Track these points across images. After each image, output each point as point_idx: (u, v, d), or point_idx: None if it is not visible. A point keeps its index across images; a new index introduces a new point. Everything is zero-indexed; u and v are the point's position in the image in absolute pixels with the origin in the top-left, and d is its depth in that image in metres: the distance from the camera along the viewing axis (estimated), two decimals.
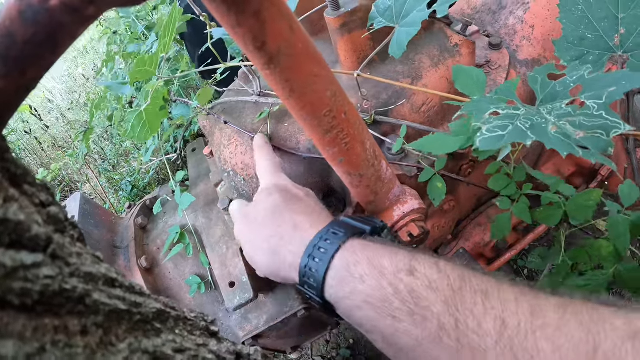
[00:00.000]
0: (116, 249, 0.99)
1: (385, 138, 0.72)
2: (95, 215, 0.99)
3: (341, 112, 0.48)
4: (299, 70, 0.42)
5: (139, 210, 1.03)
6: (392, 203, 0.67)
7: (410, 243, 0.69)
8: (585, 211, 0.71)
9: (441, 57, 0.81)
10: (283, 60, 0.40)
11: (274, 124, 0.78)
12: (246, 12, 0.36)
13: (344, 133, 0.50)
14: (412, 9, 0.67)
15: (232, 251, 0.89)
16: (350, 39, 0.74)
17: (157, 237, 1.00)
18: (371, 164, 0.56)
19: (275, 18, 0.38)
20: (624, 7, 0.72)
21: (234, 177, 0.83)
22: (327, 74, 0.44)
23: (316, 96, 0.45)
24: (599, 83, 0.59)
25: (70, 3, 0.26)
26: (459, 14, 1.03)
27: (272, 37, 0.38)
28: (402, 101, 0.75)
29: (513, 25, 0.97)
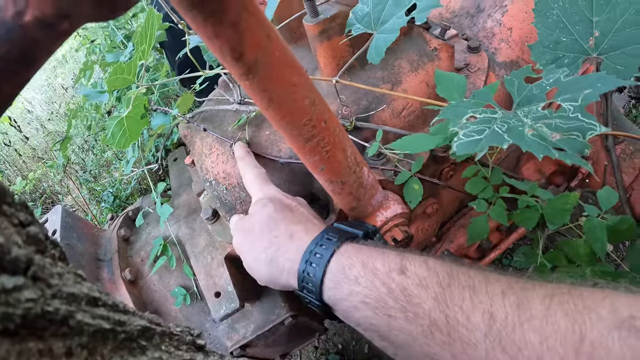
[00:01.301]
0: (100, 261, 0.98)
1: (366, 144, 0.73)
2: (77, 228, 0.99)
3: (321, 121, 0.49)
4: (278, 80, 0.43)
5: (121, 222, 1.02)
6: (374, 209, 0.68)
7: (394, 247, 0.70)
8: (562, 215, 0.73)
9: (420, 62, 0.82)
10: (261, 70, 0.41)
11: (254, 131, 0.79)
12: (224, 22, 0.36)
13: (325, 141, 0.51)
14: (390, 16, 0.68)
15: (216, 261, 0.89)
16: (329, 45, 0.75)
17: (140, 248, 0.99)
18: (352, 170, 0.57)
19: (253, 28, 0.38)
20: (598, 10, 0.75)
21: (216, 187, 0.83)
22: (306, 83, 0.45)
23: (295, 105, 0.46)
24: (574, 86, 0.61)
25: (44, 18, 0.26)
26: (438, 18, 1.05)
27: (250, 47, 0.39)
28: (383, 106, 0.77)
29: (491, 28, 0.99)
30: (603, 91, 0.57)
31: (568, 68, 0.76)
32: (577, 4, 0.76)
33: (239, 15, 0.36)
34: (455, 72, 0.91)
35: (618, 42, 0.71)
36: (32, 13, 0.26)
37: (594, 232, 0.75)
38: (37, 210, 1.81)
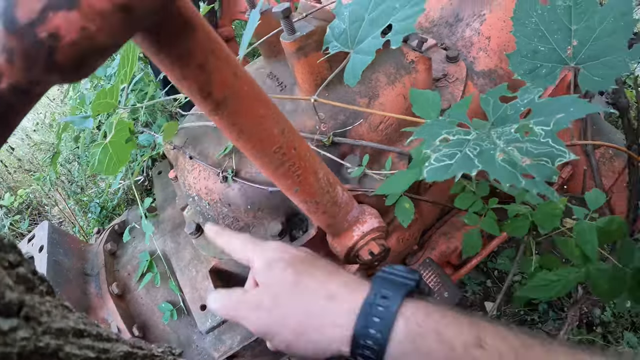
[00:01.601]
0: (87, 276, 1.02)
1: (343, 162, 0.78)
2: (64, 243, 1.03)
3: (291, 148, 0.53)
4: (246, 114, 0.47)
5: (107, 236, 1.07)
6: (351, 224, 0.72)
7: (371, 261, 0.74)
8: (552, 219, 0.77)
9: (397, 75, 0.87)
10: (230, 106, 0.45)
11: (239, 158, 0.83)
12: (190, 65, 0.40)
13: (296, 166, 0.55)
14: (366, 35, 0.72)
15: (201, 274, 0.94)
16: (306, 62, 0.79)
17: (127, 262, 1.04)
18: (326, 191, 0.62)
19: (220, 69, 0.42)
20: (577, 18, 0.77)
21: (198, 202, 0.87)
22: (274, 113, 0.50)
23: (265, 134, 0.50)
24: (548, 108, 0.64)
25: (19, 85, 0.30)
26: (417, 27, 1.10)
27: (217, 86, 0.43)
28: (360, 121, 0.81)
29: (470, 37, 1.04)
30: (576, 117, 0.59)
31: (545, 78, 0.79)
32: (556, 12, 0.78)
33: (206, 58, 0.41)
34: (434, 83, 0.96)
35: (596, 52, 0.74)
36: (7, 81, 0.29)
37: (584, 234, 0.78)
38: (24, 223, 1.85)
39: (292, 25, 0.76)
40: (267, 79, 0.90)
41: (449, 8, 1.08)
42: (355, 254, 0.75)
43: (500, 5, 1.04)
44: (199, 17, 0.39)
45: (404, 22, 0.68)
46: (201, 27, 0.39)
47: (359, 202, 0.80)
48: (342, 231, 0.73)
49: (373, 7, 0.72)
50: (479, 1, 1.06)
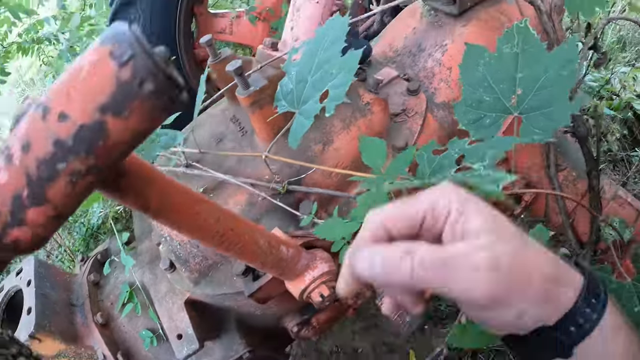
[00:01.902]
0: (73, 306, 1.13)
1: (296, 211, 0.86)
2: (50, 277, 1.13)
3: (228, 230, 0.61)
4: (182, 215, 0.56)
5: (90, 267, 1.17)
6: (301, 271, 0.81)
7: (322, 302, 0.83)
8: None
9: (352, 118, 0.94)
10: (167, 213, 0.54)
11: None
12: (124, 196, 0.49)
13: (234, 242, 0.64)
14: (309, 97, 0.79)
15: (177, 305, 1.03)
16: (261, 114, 0.87)
17: (110, 292, 1.14)
18: (268, 253, 0.70)
19: (151, 192, 0.50)
20: (522, 66, 0.79)
21: (170, 242, 0.96)
22: (207, 208, 0.58)
23: (202, 225, 0.58)
24: (477, 150, 0.72)
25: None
26: (382, 56, 1.16)
27: (152, 204, 0.51)
28: (313, 169, 0.89)
29: (431, 67, 1.10)
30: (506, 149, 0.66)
31: (489, 128, 0.84)
32: (502, 60, 0.80)
33: (133, 189, 0.49)
34: (392, 119, 1.03)
35: (539, 102, 0.76)
36: None
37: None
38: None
39: (245, 81, 0.84)
40: (230, 122, 0.98)
41: (412, 37, 1.14)
42: (307, 296, 0.84)
43: (462, 36, 1.09)
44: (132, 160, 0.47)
45: (337, 90, 0.74)
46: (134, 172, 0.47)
47: (313, 246, 0.88)
48: (294, 278, 0.81)
49: (315, 70, 0.78)
50: (442, 31, 1.11)
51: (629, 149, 2.06)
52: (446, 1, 1.11)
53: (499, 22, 1.14)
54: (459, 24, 1.11)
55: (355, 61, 0.74)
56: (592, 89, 2.10)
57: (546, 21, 1.07)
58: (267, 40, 0.94)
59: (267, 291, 0.86)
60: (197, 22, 1.70)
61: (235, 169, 0.91)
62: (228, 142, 0.95)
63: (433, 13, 1.15)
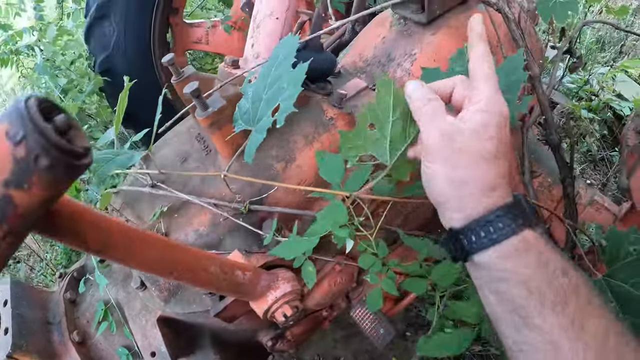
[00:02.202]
0: (50, 325, 1.14)
1: (259, 230, 0.86)
2: (26, 296, 1.14)
3: (174, 262, 0.62)
4: (124, 253, 0.56)
5: (67, 285, 1.17)
6: (262, 292, 0.81)
7: (285, 322, 0.83)
8: (449, 278, 0.86)
9: (316, 134, 0.93)
10: (108, 252, 0.54)
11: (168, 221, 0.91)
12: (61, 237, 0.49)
13: (184, 271, 0.64)
14: (263, 114, 0.80)
15: (150, 323, 1.04)
16: (221, 134, 0.86)
17: (85, 310, 1.14)
18: (222, 279, 0.70)
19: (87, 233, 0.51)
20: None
21: None
22: (150, 243, 0.58)
23: (146, 260, 0.59)
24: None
25: None
26: (352, 67, 1.15)
27: (90, 244, 0.52)
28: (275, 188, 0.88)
29: (400, 77, 1.09)
30: None
31: None
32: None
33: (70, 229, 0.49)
34: None
35: None
36: None
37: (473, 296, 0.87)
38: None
39: (203, 102, 0.83)
40: (195, 141, 0.98)
41: (381, 47, 1.13)
42: (271, 316, 0.84)
43: (432, 44, 1.08)
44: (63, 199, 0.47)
45: (286, 102, 0.75)
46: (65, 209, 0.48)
47: (277, 265, 0.88)
48: (256, 299, 0.82)
49: (268, 87, 0.79)
50: (411, 40, 1.11)
51: (608, 149, 2.05)
52: (415, 9, 1.10)
53: None
54: (428, 32, 1.10)
55: (302, 73, 0.76)
56: (571, 91, 2.08)
57: (514, 29, 1.06)
58: (227, 59, 0.94)
59: (233, 310, 0.86)
60: (172, 32, 1.69)
61: (199, 189, 0.91)
62: (192, 162, 0.95)
63: (402, 22, 1.14)
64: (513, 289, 0.53)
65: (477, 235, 0.55)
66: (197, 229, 0.90)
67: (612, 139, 2.05)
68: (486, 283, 0.57)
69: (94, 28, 1.63)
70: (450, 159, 0.57)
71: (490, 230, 0.54)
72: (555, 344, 0.51)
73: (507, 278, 0.54)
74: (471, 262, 0.58)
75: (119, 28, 1.60)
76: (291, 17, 0.91)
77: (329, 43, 1.34)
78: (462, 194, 0.56)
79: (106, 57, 1.67)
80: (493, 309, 0.57)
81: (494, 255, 0.55)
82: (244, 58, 0.95)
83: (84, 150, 0.37)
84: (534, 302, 0.52)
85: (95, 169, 0.84)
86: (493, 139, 0.58)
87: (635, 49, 2.58)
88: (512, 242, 0.54)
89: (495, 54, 1.16)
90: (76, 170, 0.37)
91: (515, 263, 0.54)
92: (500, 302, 0.55)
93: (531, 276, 0.53)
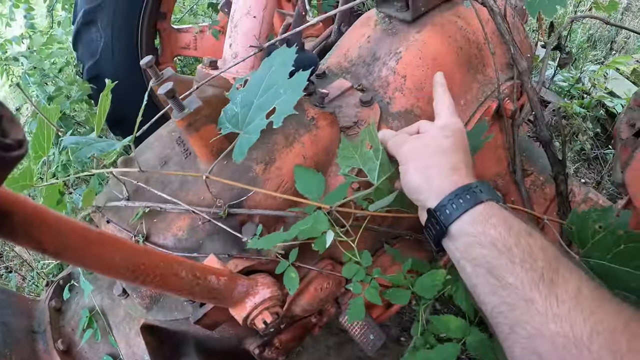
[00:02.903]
0: (34, 333, 1.11)
1: (239, 233, 0.83)
2: (11, 304, 1.12)
3: (139, 265, 0.59)
4: (83, 256, 0.54)
5: (52, 292, 1.15)
6: (240, 298, 0.78)
7: (265, 329, 0.80)
8: (432, 290, 0.83)
9: (296, 134, 0.91)
10: (65, 254, 0.52)
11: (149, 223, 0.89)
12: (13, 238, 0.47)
13: (151, 276, 0.61)
14: (254, 118, 0.79)
15: (134, 331, 1.02)
16: (198, 136, 0.84)
17: (71, 318, 1.12)
18: (195, 284, 0.68)
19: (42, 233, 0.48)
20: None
21: None
22: (111, 246, 0.56)
23: (108, 264, 0.56)
24: None
25: None
26: (337, 67, 1.13)
27: (46, 245, 0.49)
28: (255, 190, 0.86)
29: (386, 76, 1.07)
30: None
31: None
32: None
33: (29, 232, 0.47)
34: (345, 132, 1.00)
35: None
36: None
37: (459, 293, 0.84)
38: None
39: (179, 103, 0.81)
40: (175, 144, 0.96)
41: (366, 46, 1.11)
42: (251, 323, 0.81)
43: (417, 42, 1.06)
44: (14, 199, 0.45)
45: (286, 105, 0.74)
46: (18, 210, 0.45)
47: (257, 271, 0.86)
48: (233, 305, 0.79)
49: (261, 93, 0.80)
50: (396, 39, 1.08)
51: (602, 147, 2.01)
52: (400, 7, 1.07)
53: (456, 27, 1.10)
54: (413, 30, 1.08)
55: (304, 79, 0.78)
56: (562, 89, 2.05)
57: (500, 22, 1.04)
58: (206, 59, 0.92)
59: (214, 317, 0.84)
60: (160, 38, 1.68)
61: (178, 192, 0.89)
62: (172, 165, 0.93)
63: (387, 20, 1.11)
64: (484, 250, 0.59)
65: (450, 208, 0.63)
66: (175, 233, 0.88)
67: (605, 136, 2.01)
68: (461, 253, 0.63)
69: (82, 34, 1.62)
70: (416, 155, 0.70)
71: (460, 202, 0.63)
72: (529, 300, 0.54)
73: (478, 242, 0.60)
74: (449, 237, 0.65)
75: (107, 34, 1.58)
76: (269, 16, 0.89)
77: (314, 45, 1.32)
78: (429, 175, 0.68)
79: (94, 63, 1.65)
80: (471, 279, 0.62)
81: (466, 221, 0.62)
82: (223, 59, 0.93)
83: (15, 142, 0.35)
84: (504, 260, 0.57)
85: (74, 150, 0.82)
86: (449, 137, 0.74)
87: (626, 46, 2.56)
88: (478, 209, 0.62)
89: (483, 50, 1.13)
90: (6, 163, 0.35)
91: (484, 226, 0.60)
92: (476, 267, 0.60)
93: (498, 237, 0.59)
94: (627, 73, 2.14)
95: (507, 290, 0.56)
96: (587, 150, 1.95)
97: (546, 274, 0.55)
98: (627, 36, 2.60)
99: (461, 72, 1.09)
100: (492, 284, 0.58)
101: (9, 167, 0.36)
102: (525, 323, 0.54)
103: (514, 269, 0.56)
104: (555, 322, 0.52)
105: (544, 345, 0.52)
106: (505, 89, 1.12)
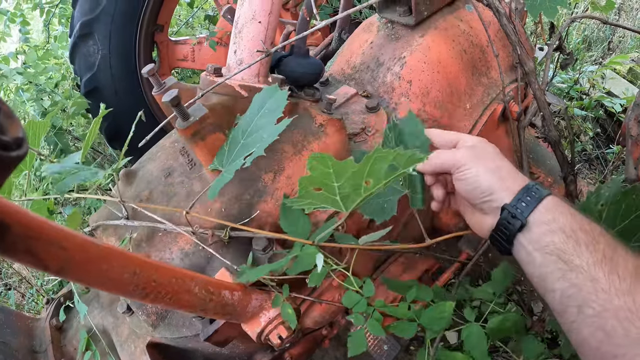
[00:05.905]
0: (35, 354, 1.05)
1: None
2: (10, 323, 1.05)
3: (150, 282, 0.54)
4: (88, 273, 0.48)
5: (53, 310, 1.08)
6: (254, 313, 0.73)
7: (281, 344, 0.75)
8: (440, 322, 0.78)
9: (305, 142, 0.86)
10: (70, 271, 0.46)
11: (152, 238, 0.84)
12: (12, 254, 0.41)
13: (163, 293, 0.56)
14: (237, 158, 0.74)
15: (139, 349, 0.95)
16: (204, 145, 0.79)
17: (72, 337, 1.06)
18: (208, 300, 0.62)
19: (44, 249, 0.43)
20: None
21: None
22: (117, 264, 0.50)
23: (116, 280, 0.51)
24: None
25: None
26: (340, 74, 1.08)
27: (49, 262, 0.44)
28: (264, 197, 0.81)
29: (391, 82, 1.02)
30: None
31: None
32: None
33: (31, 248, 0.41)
34: (352, 138, 0.95)
35: None
36: None
37: (471, 339, 0.79)
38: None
39: (184, 112, 0.76)
40: (179, 155, 0.90)
41: (369, 52, 1.07)
42: (265, 339, 0.75)
43: (421, 46, 1.02)
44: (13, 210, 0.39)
45: (260, 148, 0.72)
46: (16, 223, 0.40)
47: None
48: (247, 320, 0.73)
49: (248, 135, 0.76)
50: (399, 44, 1.04)
51: (603, 147, 1.99)
52: (402, 12, 1.03)
53: (459, 30, 1.06)
54: (417, 34, 1.04)
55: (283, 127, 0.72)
56: (562, 91, 2.02)
57: (505, 23, 1.00)
58: (210, 66, 0.87)
59: (225, 334, 0.78)
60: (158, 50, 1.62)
61: (184, 205, 0.83)
62: (177, 176, 0.88)
63: (389, 26, 1.07)
64: (555, 236, 0.61)
65: (526, 201, 0.64)
66: (182, 247, 0.82)
67: (605, 136, 1.99)
68: (534, 244, 0.63)
69: (79, 47, 1.56)
70: (480, 158, 0.70)
71: (531, 195, 0.65)
72: (594, 279, 0.56)
73: (550, 229, 0.61)
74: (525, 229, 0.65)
75: (104, 46, 1.53)
76: (274, 21, 0.84)
77: (316, 52, 1.27)
78: (502, 175, 0.69)
79: (91, 76, 1.59)
80: (540, 269, 0.62)
81: (541, 211, 0.63)
82: (227, 66, 0.88)
83: (13, 140, 0.30)
84: (571, 242, 0.59)
85: (56, 180, 0.76)
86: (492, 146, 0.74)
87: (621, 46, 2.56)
88: (548, 200, 0.64)
89: (487, 53, 1.10)
90: (4, 164, 0.30)
91: (554, 214, 0.63)
92: (546, 255, 0.61)
93: (565, 223, 0.61)
94: (624, 72, 2.12)
95: (575, 272, 0.58)
96: (588, 151, 1.92)
97: (607, 254, 0.57)
98: (622, 35, 2.60)
99: (466, 75, 1.05)
100: (561, 268, 0.59)
101: (7, 168, 0.31)
102: (592, 302, 0.56)
103: (579, 250, 0.58)
104: (619, 297, 0.54)
105: (609, 321, 0.54)
106: (509, 91, 1.08)
